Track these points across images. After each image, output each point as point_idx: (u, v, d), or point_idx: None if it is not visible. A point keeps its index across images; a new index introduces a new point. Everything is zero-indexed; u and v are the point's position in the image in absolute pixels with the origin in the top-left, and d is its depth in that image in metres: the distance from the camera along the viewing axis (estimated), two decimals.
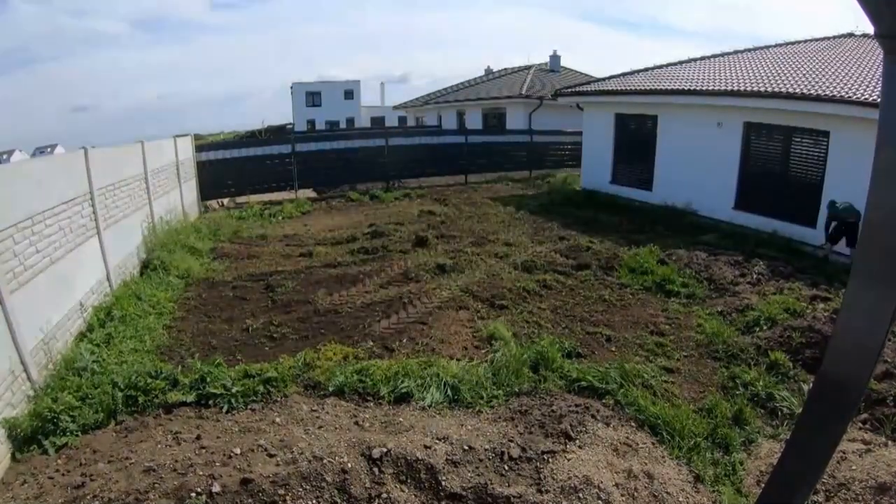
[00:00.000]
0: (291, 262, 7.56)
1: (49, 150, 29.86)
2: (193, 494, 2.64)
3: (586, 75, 21.68)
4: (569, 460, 3.06)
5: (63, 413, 3.30)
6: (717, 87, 9.66)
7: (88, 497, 2.64)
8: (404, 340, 4.85)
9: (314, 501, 2.71)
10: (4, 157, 31.30)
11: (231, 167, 12.19)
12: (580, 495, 2.85)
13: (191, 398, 3.68)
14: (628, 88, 11.79)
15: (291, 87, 40.66)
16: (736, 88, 9.25)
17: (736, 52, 12.45)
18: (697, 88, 10.00)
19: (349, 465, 2.87)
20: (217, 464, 2.84)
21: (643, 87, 11.43)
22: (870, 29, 0.89)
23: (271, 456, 2.92)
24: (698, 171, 10.03)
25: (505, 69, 26.78)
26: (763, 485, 2.93)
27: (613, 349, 4.80)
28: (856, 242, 7.59)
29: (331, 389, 3.88)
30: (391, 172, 14.41)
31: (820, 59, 9.87)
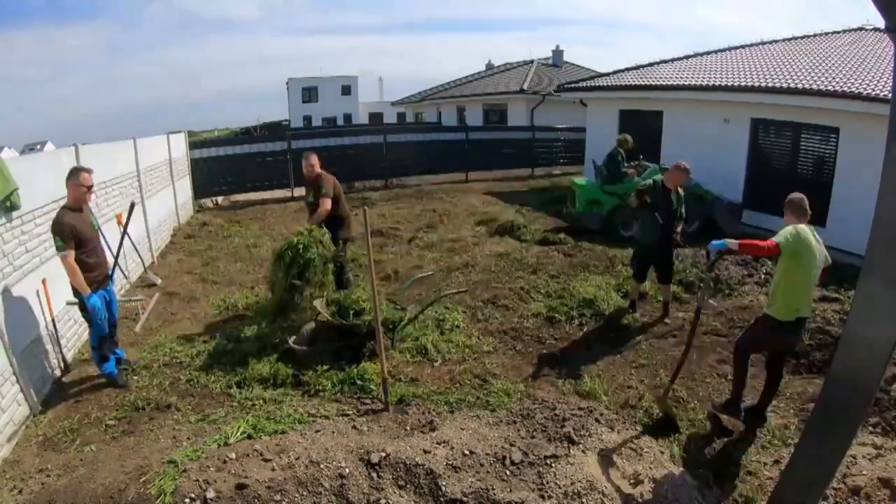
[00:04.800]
0: None
1: (39, 147, 29.34)
2: (188, 500, 2.57)
3: (589, 70, 21.46)
4: (572, 465, 2.98)
5: None
6: (724, 83, 9.49)
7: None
8: (403, 342, 4.78)
9: None
10: None
11: (225, 165, 11.99)
12: (583, 501, 2.78)
13: None
14: (633, 84, 11.61)
15: (287, 83, 39.64)
16: (744, 84, 9.09)
17: (743, 46, 12.26)
18: (704, 84, 9.82)
19: (347, 470, 2.80)
20: (211, 468, 2.77)
21: (648, 83, 11.26)
22: (880, 23, 0.81)
23: (267, 461, 2.85)
24: (704, 168, 9.86)
25: (506, 64, 26.52)
26: (772, 489, 2.86)
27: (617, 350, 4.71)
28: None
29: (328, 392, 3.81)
30: (390, 170, 14.25)
31: (828, 53, 9.71)
